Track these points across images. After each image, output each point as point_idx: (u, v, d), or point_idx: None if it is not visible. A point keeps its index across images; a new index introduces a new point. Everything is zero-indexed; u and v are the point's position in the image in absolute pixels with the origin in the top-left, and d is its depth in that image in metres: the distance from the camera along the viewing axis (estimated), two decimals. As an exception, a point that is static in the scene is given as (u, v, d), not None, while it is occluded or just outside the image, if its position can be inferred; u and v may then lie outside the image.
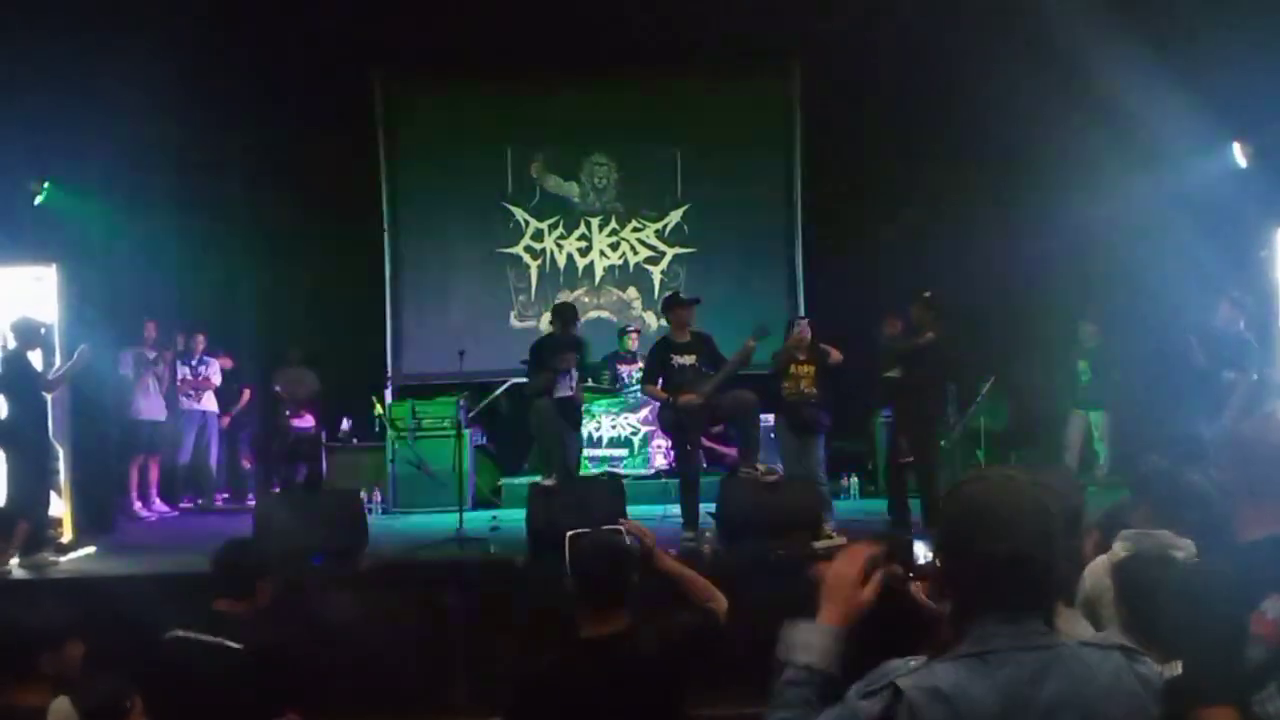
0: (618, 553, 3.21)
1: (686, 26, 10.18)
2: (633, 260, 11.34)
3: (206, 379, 10.25)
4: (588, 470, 9.48)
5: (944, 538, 1.91)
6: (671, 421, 7.74)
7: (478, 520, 8.71)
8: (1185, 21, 8.63)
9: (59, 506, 8.20)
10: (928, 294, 7.83)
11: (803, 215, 11.11)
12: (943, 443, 8.73)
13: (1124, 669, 1.83)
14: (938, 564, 1.93)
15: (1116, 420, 9.73)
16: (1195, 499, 2.87)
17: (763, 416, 7.99)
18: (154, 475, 9.98)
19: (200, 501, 10.32)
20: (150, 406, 9.79)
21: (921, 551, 2.28)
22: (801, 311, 10.97)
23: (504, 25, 10.19)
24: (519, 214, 11.26)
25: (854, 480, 10.05)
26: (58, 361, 7.97)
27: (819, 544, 7.34)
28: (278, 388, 10.45)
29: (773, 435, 8.68)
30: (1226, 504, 2.45)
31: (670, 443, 8.47)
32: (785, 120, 11.17)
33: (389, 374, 10.92)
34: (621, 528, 3.36)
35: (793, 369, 7.85)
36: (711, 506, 7.76)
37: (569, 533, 3.25)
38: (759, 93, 11.43)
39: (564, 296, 11.11)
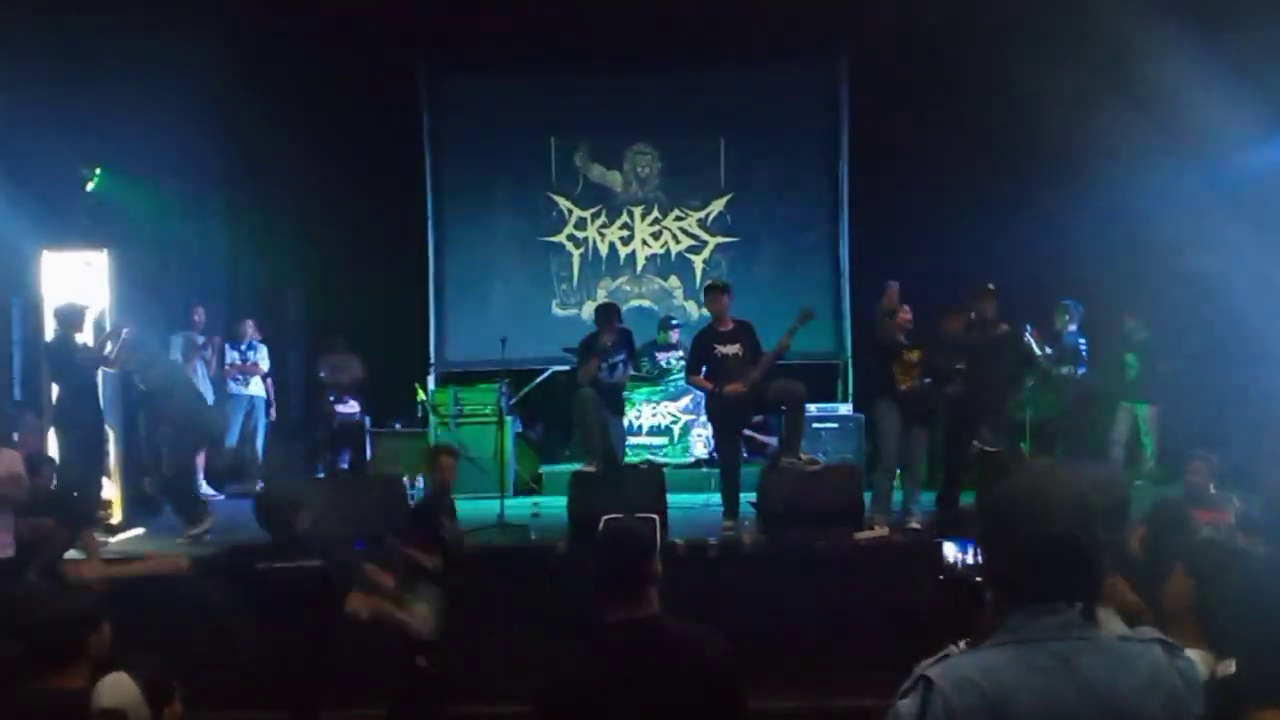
0: (639, 540, 3.12)
1: (731, 14, 10.13)
2: (675, 249, 11.31)
3: (255, 364, 10.36)
4: (629, 458, 9.49)
5: (984, 528, 1.90)
6: (717, 410, 7.73)
7: (519, 507, 8.76)
8: (1235, 7, 8.49)
9: (109, 488, 8.34)
10: (991, 285, 7.75)
11: (848, 205, 11.02)
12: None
13: (1163, 664, 1.80)
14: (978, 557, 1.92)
15: (1164, 414, 9.61)
16: None
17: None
18: (201, 459, 10.10)
19: (246, 485, 10.43)
20: (198, 391, 9.90)
21: (951, 552, 2.24)
22: (847, 303, 10.93)
23: (548, 15, 10.19)
24: (562, 203, 11.27)
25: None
26: (108, 346, 8.10)
27: (861, 535, 7.31)
28: (322, 373, 10.54)
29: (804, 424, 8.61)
30: None
31: (712, 431, 8.46)
32: (831, 109, 11.08)
33: (432, 361, 10.98)
34: (653, 517, 3.35)
35: (905, 355, 7.70)
36: (752, 496, 7.76)
37: (604, 518, 3.23)
38: (804, 81, 11.35)
39: (606, 285, 11.15)
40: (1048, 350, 9.48)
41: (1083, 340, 9.64)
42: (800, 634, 6.10)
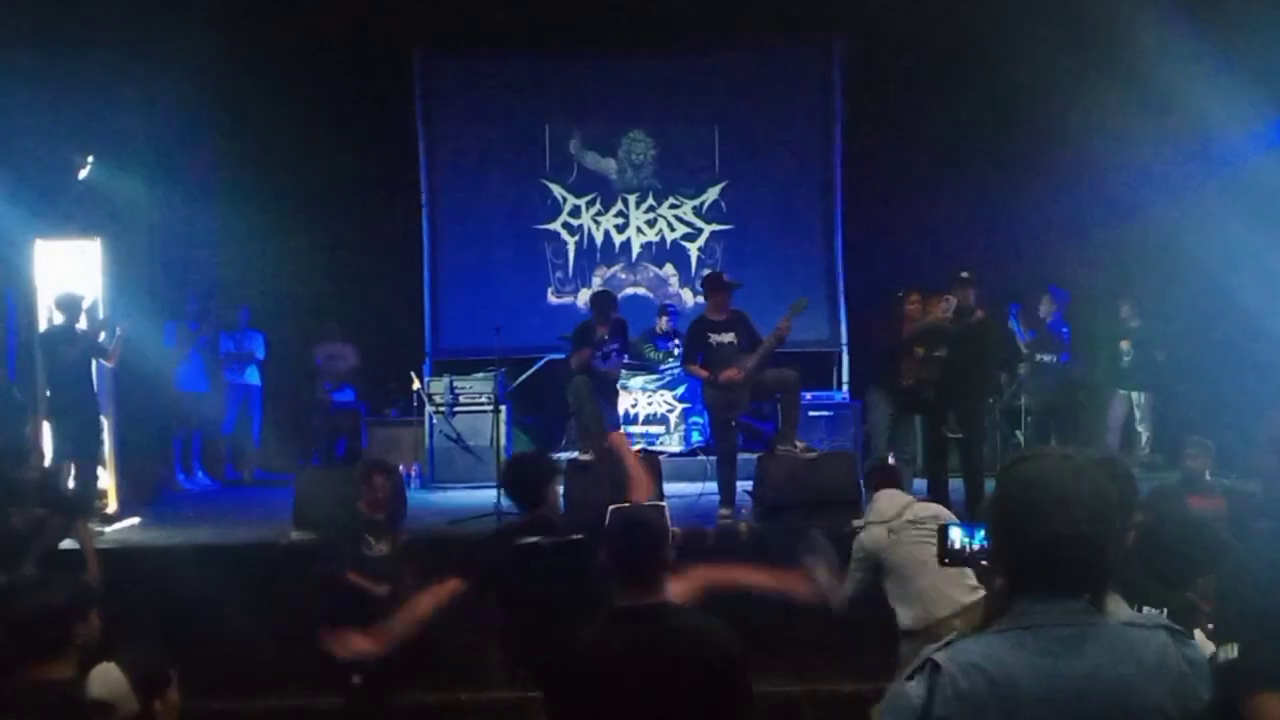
0: (654, 528, 3.16)
1: (726, 1, 10.11)
2: (670, 237, 11.29)
3: (250, 352, 10.34)
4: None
5: (998, 516, 1.88)
6: (714, 399, 7.73)
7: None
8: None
9: (104, 477, 8.32)
10: (965, 273, 7.77)
11: (842, 192, 11.01)
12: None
13: (1169, 649, 1.81)
14: (986, 542, 1.91)
15: (1158, 401, 9.63)
16: None
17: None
18: (196, 447, 10.10)
19: (242, 474, 10.43)
20: (192, 379, 9.89)
21: (957, 537, 2.21)
22: (841, 290, 10.93)
23: (543, 1, 10.16)
24: (556, 190, 11.24)
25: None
26: (102, 336, 8.08)
27: (858, 522, 7.31)
28: (318, 361, 10.51)
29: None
30: None
31: (708, 420, 8.47)
32: (825, 96, 11.05)
33: (427, 349, 10.96)
34: (663, 504, 3.30)
35: (915, 350, 7.69)
36: (748, 484, 7.76)
37: (611, 506, 3.21)
38: (799, 68, 11.31)
39: (601, 273, 11.13)
40: (1031, 334, 9.55)
41: (1065, 328, 9.65)
42: (797, 620, 6.10)
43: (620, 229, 11.28)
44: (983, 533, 2.17)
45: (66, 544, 6.37)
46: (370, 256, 10.80)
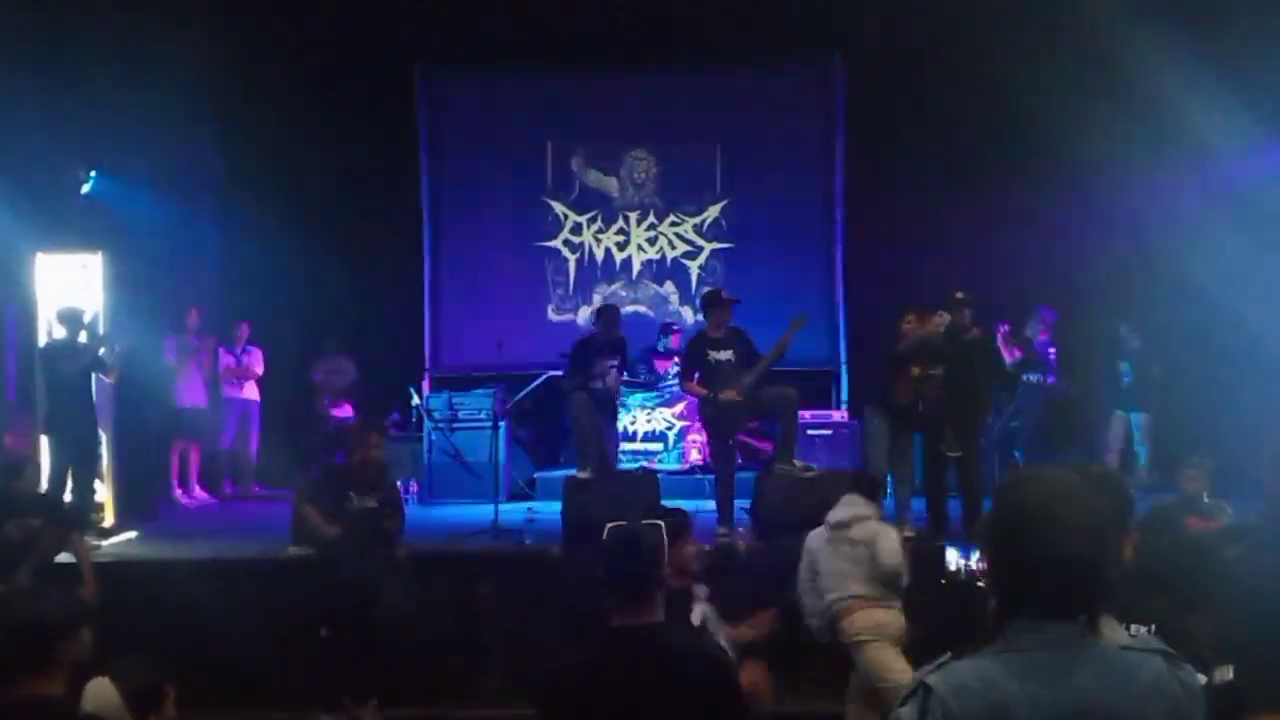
0: (648, 545, 3.12)
1: (728, 21, 10.15)
2: (670, 255, 11.31)
3: (249, 367, 10.34)
4: (623, 464, 9.46)
5: (994, 536, 1.87)
6: (711, 417, 7.73)
7: (513, 512, 8.74)
8: (1230, 14, 8.52)
9: (102, 491, 8.31)
10: (960, 294, 7.79)
11: (843, 210, 11.02)
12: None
13: (1165, 674, 1.80)
14: (981, 563, 1.91)
15: (1157, 421, 9.62)
16: None
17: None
18: (194, 462, 10.08)
19: (240, 489, 10.41)
20: (192, 393, 9.88)
21: (954, 559, 2.20)
22: (841, 309, 10.94)
23: (545, 19, 10.21)
24: (558, 208, 11.26)
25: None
26: (102, 350, 8.08)
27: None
28: (316, 377, 10.51)
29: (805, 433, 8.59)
30: None
31: (706, 438, 8.45)
32: (826, 115, 11.09)
33: (427, 365, 10.96)
34: (659, 522, 3.26)
35: (911, 370, 7.69)
36: (746, 502, 7.75)
37: (608, 524, 3.18)
38: (800, 88, 11.36)
39: (601, 291, 11.14)
40: (1017, 354, 9.51)
41: (1051, 349, 9.64)
42: (796, 640, 6.09)
43: (621, 247, 11.30)
44: (978, 554, 2.18)
45: (64, 558, 6.37)
46: (370, 272, 10.81)
